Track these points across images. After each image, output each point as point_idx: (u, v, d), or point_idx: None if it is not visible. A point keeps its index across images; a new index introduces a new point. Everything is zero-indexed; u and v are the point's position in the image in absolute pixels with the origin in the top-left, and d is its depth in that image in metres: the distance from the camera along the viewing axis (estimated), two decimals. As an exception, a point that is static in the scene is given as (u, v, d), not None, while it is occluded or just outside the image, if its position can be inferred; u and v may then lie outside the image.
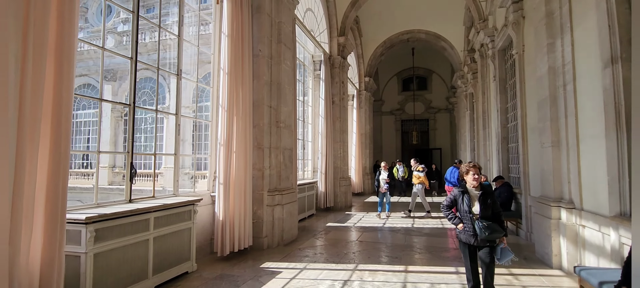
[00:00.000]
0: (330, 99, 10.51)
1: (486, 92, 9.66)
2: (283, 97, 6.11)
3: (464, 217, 3.31)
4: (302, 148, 9.93)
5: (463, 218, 3.32)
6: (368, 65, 16.10)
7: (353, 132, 15.15)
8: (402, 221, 8.35)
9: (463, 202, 3.32)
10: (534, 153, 5.97)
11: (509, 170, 8.04)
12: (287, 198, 6.03)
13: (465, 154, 14.41)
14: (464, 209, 3.30)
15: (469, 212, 3.26)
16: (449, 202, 3.48)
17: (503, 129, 8.18)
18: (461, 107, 15.03)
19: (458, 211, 3.41)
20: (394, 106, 21.36)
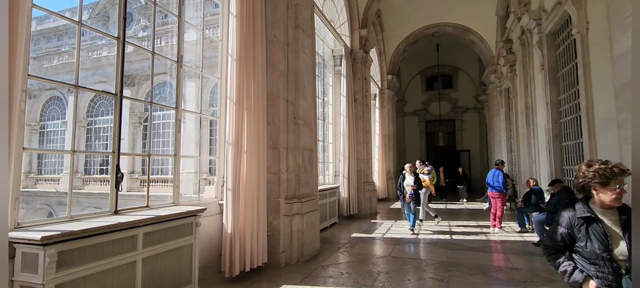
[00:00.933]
0: (353, 96, 9.66)
1: (529, 85, 8.55)
2: (301, 90, 5.31)
3: (597, 266, 1.88)
4: (323, 151, 9.12)
5: (594, 265, 1.89)
6: (390, 62, 15.16)
7: (376, 134, 14.22)
8: (438, 231, 7.36)
9: (591, 237, 1.91)
10: (606, 152, 4.91)
11: (563, 172, 6.93)
12: (308, 206, 5.21)
13: (499, 156, 13.18)
14: (596, 250, 1.88)
15: (606, 257, 1.86)
16: (555, 236, 2.03)
17: (555, 124, 7.08)
18: (493, 104, 13.82)
19: (576, 251, 1.99)
20: (418, 106, 20.25)
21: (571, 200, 5.58)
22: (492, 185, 7.43)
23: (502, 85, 12.16)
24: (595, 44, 5.04)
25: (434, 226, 7.89)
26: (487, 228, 7.59)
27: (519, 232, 7.11)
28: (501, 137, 12.67)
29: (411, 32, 14.73)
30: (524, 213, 7.21)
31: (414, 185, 7.04)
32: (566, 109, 6.62)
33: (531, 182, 7.24)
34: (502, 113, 12.36)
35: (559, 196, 5.77)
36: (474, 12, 13.18)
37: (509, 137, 11.90)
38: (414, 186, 7.04)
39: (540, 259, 5.09)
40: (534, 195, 7.07)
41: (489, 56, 13.45)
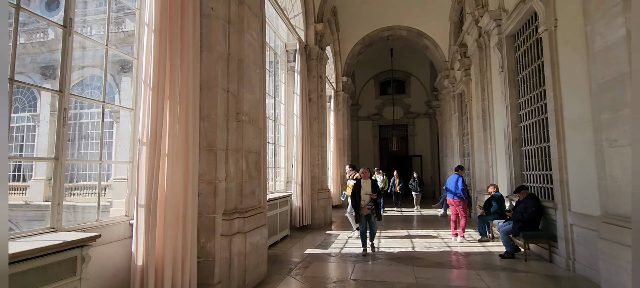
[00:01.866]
0: (307, 95, 8.84)
1: (487, 88, 8.40)
2: (247, 80, 4.35)
3: None
4: (274, 154, 8.16)
5: None
6: (346, 63, 14.66)
7: (330, 137, 13.55)
8: (398, 243, 6.76)
9: None
10: (577, 157, 4.61)
11: (523, 177, 6.72)
12: (253, 222, 4.24)
13: (452, 161, 13.22)
14: None
15: None
16: None
17: (514, 128, 6.87)
18: (446, 109, 13.90)
19: None
20: (372, 111, 20.08)
21: (538, 208, 5.26)
22: (452, 192, 7.03)
23: (456, 90, 12.18)
24: (566, 41, 4.75)
25: (387, 237, 7.30)
26: (448, 237, 7.17)
27: (480, 241, 6.76)
28: (454, 142, 12.68)
29: (367, 34, 14.35)
30: (485, 221, 6.89)
31: (372, 194, 5.80)
32: (527, 112, 6.41)
33: (492, 188, 6.95)
34: (455, 118, 12.38)
35: (525, 203, 5.43)
36: (428, 17, 13.14)
37: (462, 142, 11.90)
38: (373, 195, 5.80)
39: (508, 275, 4.64)
40: (494, 202, 6.78)
41: (442, 61, 13.48)
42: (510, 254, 5.47)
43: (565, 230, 4.83)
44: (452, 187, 7.04)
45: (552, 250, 5.17)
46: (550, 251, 5.18)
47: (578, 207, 4.61)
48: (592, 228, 4.23)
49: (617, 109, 3.44)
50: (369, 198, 5.84)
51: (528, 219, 5.27)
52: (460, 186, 6.95)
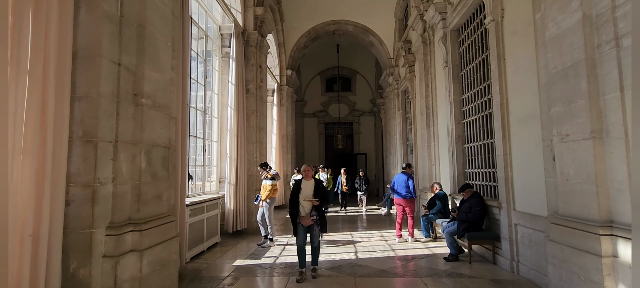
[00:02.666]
0: (244, 85, 7.94)
1: (431, 84, 8.24)
2: (151, 54, 3.42)
3: None
4: (204, 151, 7.14)
5: None
6: (290, 56, 13.91)
7: (273, 133, 12.73)
8: (340, 249, 6.20)
9: None
10: (523, 153, 4.39)
11: (465, 175, 6.57)
12: (156, 234, 3.32)
13: (395, 159, 13.18)
14: None
15: None
16: None
17: (458, 125, 6.69)
18: (390, 107, 13.83)
19: None
20: (317, 108, 19.59)
21: (483, 207, 5.01)
22: (398, 192, 6.66)
23: (400, 87, 12.09)
24: (513, 32, 4.52)
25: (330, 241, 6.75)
26: (392, 238, 6.81)
27: (425, 242, 6.48)
28: (397, 139, 12.61)
29: (312, 27, 13.74)
30: (429, 220, 6.63)
31: (315, 200, 4.37)
32: (471, 108, 6.24)
33: (435, 187, 6.71)
34: (398, 115, 12.30)
35: (469, 203, 5.17)
36: (374, 13, 12.92)
37: (405, 140, 11.84)
38: (315, 201, 4.37)
39: (454, 282, 4.28)
40: (438, 201, 6.54)
41: (386, 58, 13.37)
42: (454, 256, 5.18)
43: (510, 230, 4.62)
44: (402, 187, 6.65)
45: (495, 251, 4.96)
46: (494, 252, 4.97)
47: (523, 206, 4.40)
48: (538, 228, 4.01)
49: (571, 100, 3.16)
50: (311, 205, 4.40)
51: (473, 219, 5.01)
52: (411, 186, 6.60)
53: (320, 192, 4.45)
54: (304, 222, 4.38)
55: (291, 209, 4.49)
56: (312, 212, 4.38)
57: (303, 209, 4.43)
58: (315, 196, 4.40)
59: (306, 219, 4.37)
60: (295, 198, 4.47)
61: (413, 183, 6.64)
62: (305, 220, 4.37)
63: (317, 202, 4.38)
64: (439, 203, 6.49)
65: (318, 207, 4.40)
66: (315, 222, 4.39)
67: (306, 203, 4.43)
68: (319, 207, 4.42)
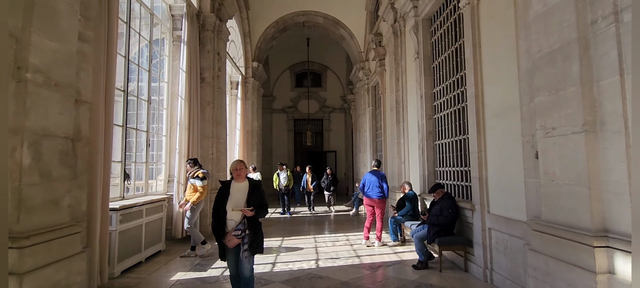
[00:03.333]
0: (198, 73, 7.12)
1: (401, 78, 7.80)
2: (42, 15, 2.64)
3: None
4: (148, 146, 6.27)
5: None
6: (257, 48, 13.10)
7: (236, 129, 11.90)
8: (300, 255, 5.59)
9: None
10: (499, 150, 3.97)
11: (436, 174, 6.16)
12: (43, 254, 2.55)
13: (365, 157, 12.75)
14: None
15: None
16: None
17: (429, 120, 6.27)
18: (360, 103, 13.38)
19: None
20: (287, 103, 18.85)
21: (455, 210, 4.57)
22: (369, 194, 6.11)
23: (370, 82, 11.65)
24: (491, 16, 4.08)
25: (298, 245, 6.13)
26: (358, 242, 6.29)
27: (392, 246, 6.00)
28: (367, 137, 12.17)
29: (281, 17, 13.00)
30: (398, 222, 6.17)
31: (248, 210, 3.08)
32: (443, 102, 5.82)
33: (405, 186, 6.26)
34: (368, 112, 11.86)
35: (441, 205, 4.72)
36: (344, 5, 12.40)
37: (375, 137, 11.42)
38: (248, 210, 3.08)
39: (428, 292, 3.80)
40: (408, 201, 6.09)
41: (357, 52, 12.89)
42: (423, 264, 4.71)
43: (483, 235, 4.20)
44: (374, 187, 6.10)
45: (468, 258, 4.54)
46: (466, 258, 4.54)
47: (498, 208, 3.98)
48: (515, 234, 3.59)
49: (559, 88, 2.71)
50: (242, 216, 3.12)
51: (444, 223, 4.56)
52: (386, 188, 6.10)
53: (255, 198, 3.16)
54: (229, 243, 3.07)
55: (214, 223, 3.16)
56: (238, 227, 3.09)
57: (231, 223, 3.12)
58: (248, 203, 3.12)
59: (230, 238, 3.06)
60: (221, 208, 3.13)
61: (387, 185, 6.15)
62: (230, 240, 3.06)
63: (251, 212, 3.06)
64: (409, 205, 6.05)
65: (253, 219, 3.12)
66: (243, 241, 3.08)
67: (236, 214, 3.11)
68: (254, 219, 3.15)
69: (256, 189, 3.23)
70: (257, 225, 3.21)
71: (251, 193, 3.19)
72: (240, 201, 3.15)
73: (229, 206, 3.13)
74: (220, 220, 3.13)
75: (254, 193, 3.19)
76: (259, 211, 3.16)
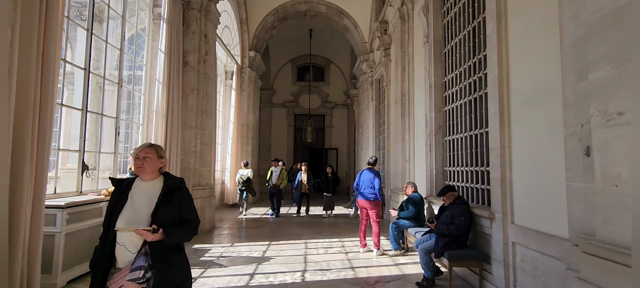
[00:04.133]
0: (180, 56, 6.37)
1: (408, 67, 7.00)
2: None
3: None
4: (117, 134, 5.54)
5: None
6: (255, 36, 12.36)
7: (230, 121, 11.19)
8: (286, 264, 4.84)
9: None
10: (529, 146, 3.18)
11: (446, 175, 5.38)
12: None
13: (367, 154, 11.95)
14: None
15: None
16: None
17: (438, 113, 5.48)
18: (364, 98, 12.58)
19: None
20: (287, 98, 18.08)
21: (469, 218, 3.78)
22: (362, 193, 5.36)
23: (374, 75, 10.85)
24: (523, -20, 3.28)
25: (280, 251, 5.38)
26: (354, 249, 5.53)
27: (393, 256, 5.22)
28: (370, 133, 11.40)
29: (281, 4, 12.25)
30: (400, 228, 5.39)
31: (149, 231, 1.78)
32: (455, 92, 5.03)
33: (409, 188, 5.47)
34: (371, 106, 11.07)
35: (452, 211, 3.93)
36: (349, -7, 11.64)
37: (378, 133, 10.63)
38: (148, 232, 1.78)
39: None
40: (412, 205, 5.31)
41: (361, 43, 12.10)
42: (430, 281, 3.94)
43: (505, 250, 3.41)
44: (367, 186, 5.35)
45: (483, 276, 3.75)
46: (482, 277, 3.76)
47: (526, 219, 3.19)
48: (550, 254, 2.80)
49: (626, 58, 1.92)
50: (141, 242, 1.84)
51: (455, 233, 3.78)
52: (377, 185, 5.30)
53: (169, 209, 1.92)
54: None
55: (96, 252, 1.91)
56: (138, 259, 1.80)
57: (126, 253, 1.85)
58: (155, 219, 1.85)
59: (120, 279, 1.78)
60: (109, 226, 1.88)
61: (379, 182, 5.34)
62: (117, 281, 1.78)
63: (154, 234, 1.79)
64: (412, 208, 5.26)
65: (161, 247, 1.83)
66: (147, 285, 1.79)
67: (130, 238, 1.84)
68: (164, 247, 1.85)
69: (176, 194, 1.97)
70: (174, 257, 1.90)
71: (164, 200, 1.91)
72: (141, 214, 1.87)
73: (121, 221, 1.84)
74: (103, 249, 1.86)
75: (170, 201, 1.93)
76: (172, 232, 1.85)
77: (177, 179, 2.08)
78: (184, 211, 1.99)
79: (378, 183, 5.26)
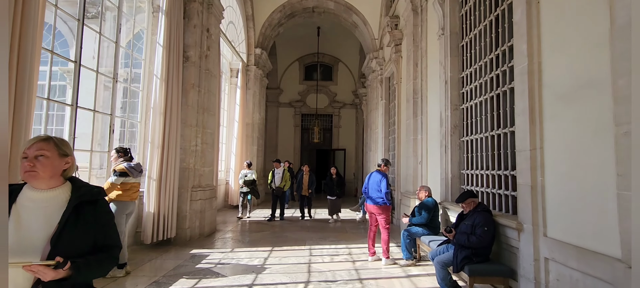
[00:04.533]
0: (180, 50, 6.06)
1: (421, 62, 6.58)
2: None
3: None
4: (112, 132, 5.25)
5: None
6: (261, 34, 12.03)
7: (235, 121, 10.89)
8: (286, 274, 4.47)
9: None
10: (566, 148, 2.75)
11: (463, 179, 4.95)
12: None
13: (375, 155, 11.54)
14: None
15: None
16: None
17: (454, 112, 5.06)
18: (373, 97, 12.16)
19: None
20: (294, 97, 17.74)
21: (492, 228, 3.36)
22: (370, 196, 4.95)
23: (384, 73, 10.42)
24: (558, -46, 2.85)
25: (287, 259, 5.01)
26: (362, 258, 5.13)
27: (405, 266, 4.81)
28: (379, 133, 10.98)
29: (288, 0, 11.91)
30: (412, 236, 4.97)
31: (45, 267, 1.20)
32: (474, 88, 4.60)
33: (423, 193, 5.06)
34: (381, 105, 10.65)
35: (473, 220, 3.52)
36: (358, -11, 11.24)
37: (388, 134, 10.21)
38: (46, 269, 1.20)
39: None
40: (425, 210, 4.90)
41: (370, 40, 11.67)
42: (448, 298, 3.53)
43: (536, 266, 2.99)
44: (375, 190, 4.95)
45: (509, 294, 3.33)
46: (507, 295, 3.33)
47: (563, 232, 2.76)
48: (596, 275, 2.37)
49: None
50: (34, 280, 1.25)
51: (477, 245, 3.37)
52: (384, 188, 4.89)
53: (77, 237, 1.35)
54: None
55: None
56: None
57: None
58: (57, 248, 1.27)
59: None
60: None
61: (387, 185, 4.92)
62: None
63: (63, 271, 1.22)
64: (426, 214, 4.85)
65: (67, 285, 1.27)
66: None
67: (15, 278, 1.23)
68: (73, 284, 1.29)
69: (90, 209, 1.42)
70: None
71: (73, 218, 1.36)
72: (34, 239, 1.30)
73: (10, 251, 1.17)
74: None
75: (81, 219, 1.38)
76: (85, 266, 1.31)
77: (93, 188, 1.49)
78: (101, 234, 1.43)
79: (385, 186, 4.84)
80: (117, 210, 4.02)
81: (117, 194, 4.06)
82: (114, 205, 4.03)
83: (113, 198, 4.04)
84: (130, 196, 4.18)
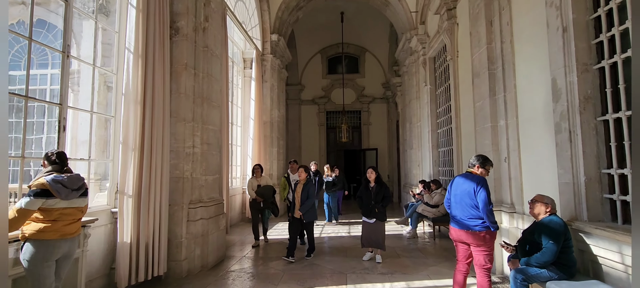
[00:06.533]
0: (164, 17, 4.45)
1: (500, 17, 4.62)
2: None
3: None
4: (62, 130, 3.68)
5: None
6: (277, 17, 10.39)
7: (250, 118, 9.27)
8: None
9: None
10: None
11: (604, 184, 3.00)
12: None
13: (418, 154, 9.57)
14: None
15: None
16: None
17: (583, 75, 3.12)
18: (412, 85, 10.18)
19: None
20: (318, 93, 15.99)
21: None
22: (456, 217, 3.07)
23: (428, 52, 8.48)
24: None
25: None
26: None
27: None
28: (423, 127, 9.03)
29: (307, -21, 10.24)
30: (528, 278, 3.04)
31: None
32: (621, 32, 2.65)
33: (540, 206, 3.13)
34: (425, 93, 8.70)
35: None
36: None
37: (436, 127, 8.25)
38: None
39: None
40: (549, 237, 2.97)
41: (407, 18, 9.74)
42: None
43: None
44: (467, 205, 3.06)
45: None
46: None
47: None
48: None
49: None
50: None
51: None
52: (483, 202, 2.99)
53: None
54: None
55: None
56: None
57: None
58: None
59: None
60: None
61: (487, 196, 3.03)
62: None
63: None
64: (552, 244, 2.90)
65: None
66: None
67: None
68: None
69: None
70: None
71: None
72: None
73: None
74: None
75: None
76: None
77: None
78: None
79: (484, 197, 2.96)
80: (34, 255, 2.39)
81: (36, 229, 2.43)
82: (31, 246, 2.41)
83: (29, 235, 2.41)
84: (61, 230, 2.51)
